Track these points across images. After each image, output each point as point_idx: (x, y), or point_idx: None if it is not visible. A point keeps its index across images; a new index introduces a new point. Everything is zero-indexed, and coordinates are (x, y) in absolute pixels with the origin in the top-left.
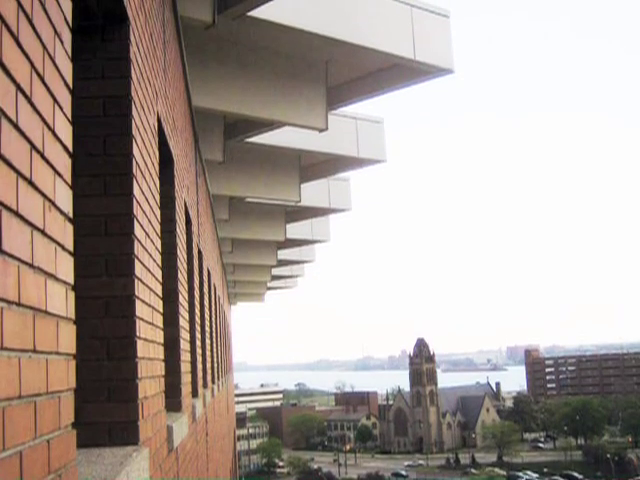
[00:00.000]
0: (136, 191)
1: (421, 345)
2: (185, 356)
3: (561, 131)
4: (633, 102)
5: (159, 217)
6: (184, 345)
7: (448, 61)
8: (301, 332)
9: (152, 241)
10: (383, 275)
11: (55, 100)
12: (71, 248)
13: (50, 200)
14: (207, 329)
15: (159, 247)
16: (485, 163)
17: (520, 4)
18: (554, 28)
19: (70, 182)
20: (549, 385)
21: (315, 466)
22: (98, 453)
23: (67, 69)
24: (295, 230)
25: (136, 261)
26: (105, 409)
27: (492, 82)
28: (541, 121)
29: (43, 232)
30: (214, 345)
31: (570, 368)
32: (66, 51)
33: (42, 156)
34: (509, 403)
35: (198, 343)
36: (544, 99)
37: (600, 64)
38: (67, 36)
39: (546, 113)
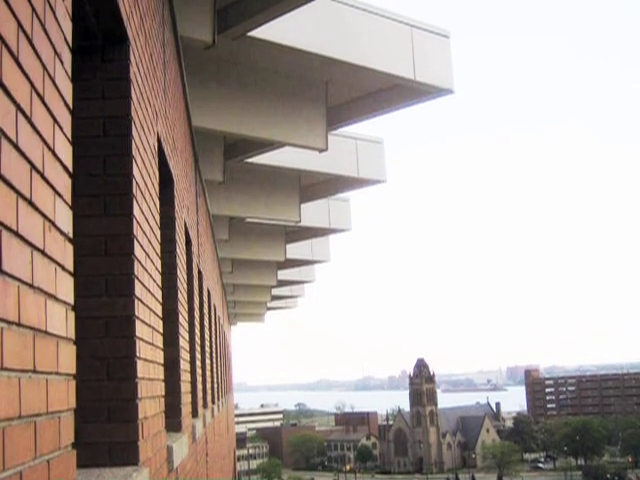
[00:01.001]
0: (136, 211)
1: (421, 365)
2: (185, 376)
3: (561, 149)
4: (633, 120)
5: (159, 237)
6: (184, 365)
7: (448, 81)
8: (301, 352)
9: (152, 261)
10: (383, 295)
11: (55, 120)
12: (71, 268)
13: (50, 220)
14: (207, 349)
15: (159, 267)
16: (485, 183)
17: (519, 25)
18: (553, 48)
19: (70, 202)
20: (549, 405)
21: None
22: (98, 473)
23: (67, 89)
24: (295, 250)
25: (136, 281)
26: (105, 429)
27: (492, 102)
28: (540, 140)
29: (43, 252)
30: (214, 365)
31: (570, 388)
32: (66, 71)
33: (42, 176)
34: (509, 423)
35: (198, 363)
36: (543, 118)
37: (599, 82)
38: (67, 56)
39: (545, 132)
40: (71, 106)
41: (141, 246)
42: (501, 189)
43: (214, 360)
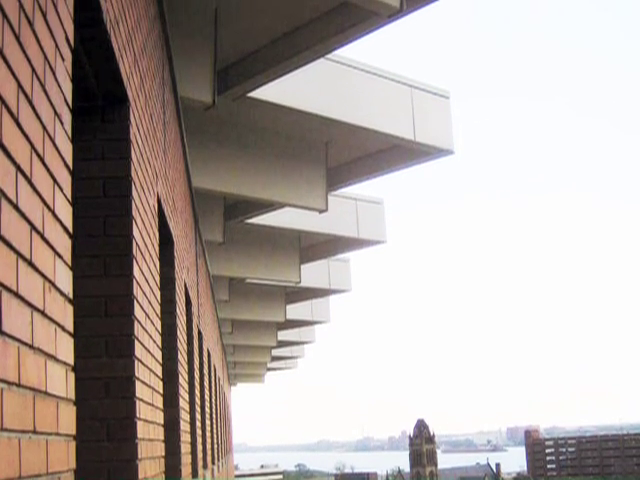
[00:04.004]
0: (136, 272)
1: (421, 426)
2: (185, 437)
3: (561, 211)
4: (632, 182)
5: (159, 298)
6: (184, 426)
7: (448, 142)
8: (301, 413)
9: (152, 322)
10: (383, 355)
11: (55, 181)
12: (71, 329)
13: (50, 281)
14: (207, 410)
15: (159, 328)
16: (484, 244)
17: (519, 86)
18: (553, 109)
19: (70, 263)
20: (549, 466)
21: None
22: None
23: (67, 150)
24: (295, 311)
25: (136, 342)
26: None
27: (492, 162)
28: (541, 201)
29: (43, 313)
30: (214, 426)
31: (570, 449)
32: (66, 132)
33: (42, 237)
34: None
35: (198, 424)
36: (544, 179)
37: (599, 143)
38: (67, 117)
39: (546, 193)
40: (71, 167)
41: (141, 307)
42: (500, 250)
43: (214, 421)
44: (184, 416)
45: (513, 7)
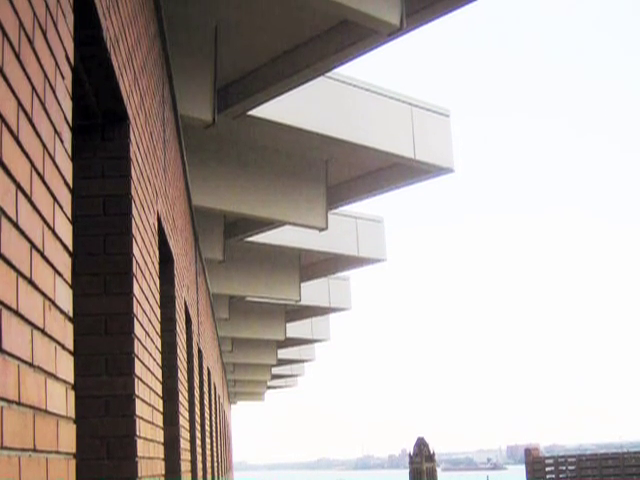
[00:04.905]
0: (136, 290)
1: (421, 444)
2: (185, 455)
3: (561, 230)
4: (634, 201)
5: (159, 316)
6: (184, 444)
7: (448, 160)
8: (301, 431)
9: (152, 340)
10: (382, 374)
11: (55, 199)
12: (71, 347)
13: (50, 299)
14: (207, 428)
15: (159, 346)
16: (484, 262)
17: (520, 105)
18: (554, 128)
19: (70, 281)
20: None
21: None
22: None
23: (67, 168)
24: (295, 329)
25: (136, 360)
26: None
27: (492, 181)
28: (542, 221)
29: (43, 331)
30: (214, 444)
31: (570, 467)
32: (66, 150)
33: (42, 255)
34: None
35: (198, 442)
36: (544, 198)
37: (599, 162)
38: (67, 135)
39: (545, 212)
40: (71, 185)
41: (141, 325)
42: (500, 269)
43: (214, 439)
44: (184, 434)
45: (513, 25)
